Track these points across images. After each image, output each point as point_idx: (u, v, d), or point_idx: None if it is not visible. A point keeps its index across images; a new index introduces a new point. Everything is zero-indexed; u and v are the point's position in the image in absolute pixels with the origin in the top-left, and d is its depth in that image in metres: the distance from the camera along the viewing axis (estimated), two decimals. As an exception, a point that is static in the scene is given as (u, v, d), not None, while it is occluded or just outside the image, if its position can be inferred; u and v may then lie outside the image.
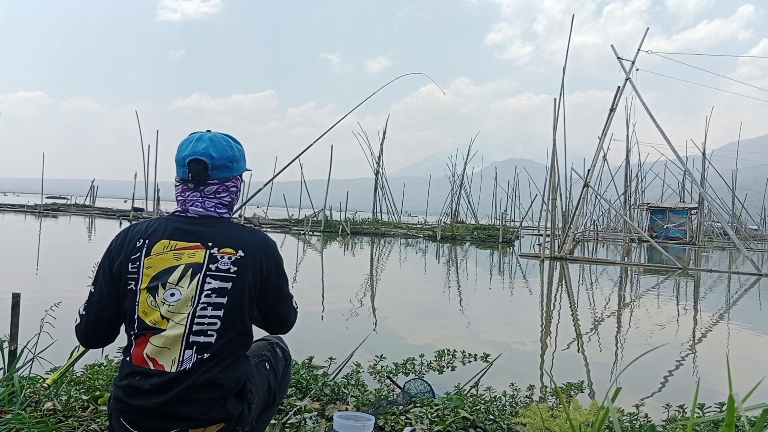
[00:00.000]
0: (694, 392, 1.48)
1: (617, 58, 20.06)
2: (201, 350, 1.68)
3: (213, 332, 1.70)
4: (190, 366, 1.67)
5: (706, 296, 12.27)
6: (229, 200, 1.89)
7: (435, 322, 7.77)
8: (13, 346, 3.12)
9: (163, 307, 1.70)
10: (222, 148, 1.83)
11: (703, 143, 36.07)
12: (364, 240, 26.41)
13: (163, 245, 1.76)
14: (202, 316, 1.70)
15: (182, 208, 1.84)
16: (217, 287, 1.72)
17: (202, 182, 1.82)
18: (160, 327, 1.69)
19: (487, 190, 48.43)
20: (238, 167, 1.90)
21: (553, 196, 19.87)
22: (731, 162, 43.83)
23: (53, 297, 3.72)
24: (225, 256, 1.75)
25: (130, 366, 1.71)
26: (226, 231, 1.81)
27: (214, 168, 1.81)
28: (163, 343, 1.68)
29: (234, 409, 1.72)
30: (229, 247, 1.76)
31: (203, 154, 1.80)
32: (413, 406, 3.17)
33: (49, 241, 17.58)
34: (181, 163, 1.83)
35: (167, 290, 1.71)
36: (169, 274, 1.72)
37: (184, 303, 1.70)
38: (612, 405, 1.29)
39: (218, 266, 1.73)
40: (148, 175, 32.42)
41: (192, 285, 1.71)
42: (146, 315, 1.71)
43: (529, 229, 43.56)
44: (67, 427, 2.60)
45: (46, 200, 39.82)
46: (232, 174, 1.88)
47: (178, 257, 1.74)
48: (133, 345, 1.72)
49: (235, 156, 1.87)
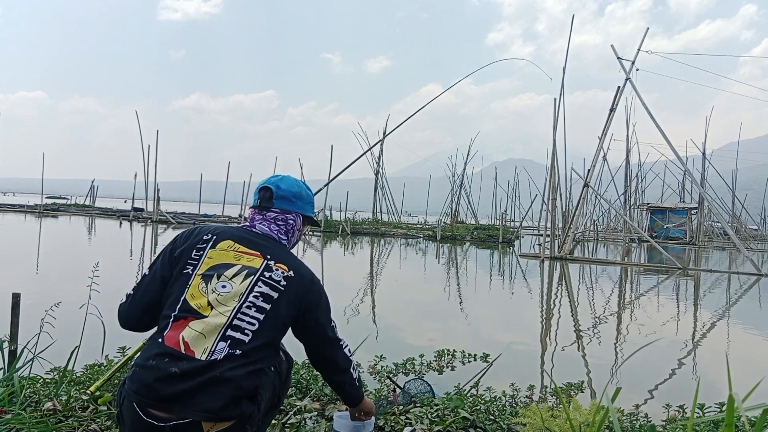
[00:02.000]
0: (694, 392, 1.48)
1: (617, 58, 20.08)
2: (234, 345, 1.74)
3: (250, 332, 1.77)
4: (221, 358, 1.71)
5: (706, 296, 12.26)
6: (286, 230, 2.07)
7: (435, 322, 7.78)
8: (13, 346, 3.12)
9: (212, 295, 1.80)
10: (290, 184, 2.10)
11: (703, 143, 36.11)
12: (364, 240, 26.42)
13: (228, 244, 1.93)
14: (244, 313, 1.78)
15: (250, 225, 2.06)
16: (265, 293, 1.84)
17: (266, 208, 2.06)
18: (203, 313, 1.76)
19: (487, 190, 48.45)
20: (301, 206, 2.11)
21: (553, 196, 19.87)
22: (731, 162, 43.85)
23: (53, 297, 3.72)
24: (279, 270, 1.90)
25: (160, 347, 1.73)
26: (284, 252, 2.00)
27: (278, 197, 2.06)
28: (202, 329, 1.73)
29: (247, 408, 1.75)
30: (285, 265, 1.92)
31: (272, 183, 2.08)
32: (413, 406, 3.17)
33: (49, 242, 17.58)
34: (256, 192, 2.10)
35: (220, 281, 1.82)
36: (226, 269, 1.86)
37: (232, 297, 1.80)
38: (612, 405, 1.29)
39: (272, 276, 1.88)
40: (148, 175, 32.46)
41: (244, 284, 1.83)
42: (193, 298, 1.79)
43: (529, 229, 43.57)
44: (67, 427, 2.60)
45: (46, 200, 39.80)
46: (293, 208, 2.08)
47: (238, 258, 1.90)
48: (169, 327, 1.76)
49: (301, 195, 2.11)
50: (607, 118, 21.08)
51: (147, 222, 30.51)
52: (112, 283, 1.82)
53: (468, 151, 42.76)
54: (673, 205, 38.17)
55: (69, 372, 3.15)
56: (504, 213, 37.79)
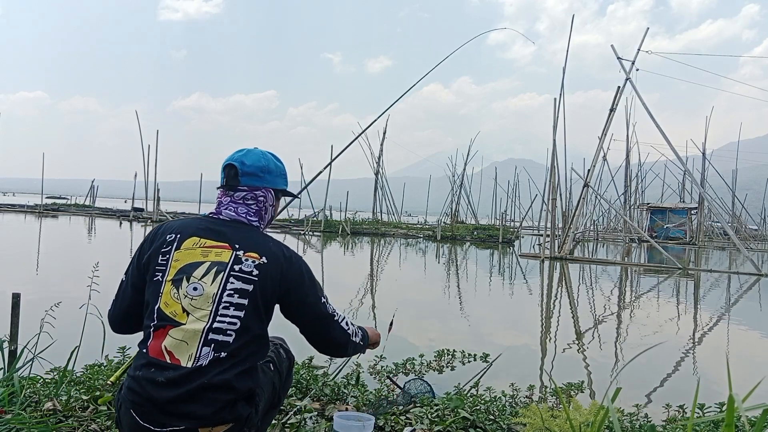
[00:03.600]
0: (694, 392, 1.48)
1: (617, 58, 20.07)
2: (219, 348, 1.70)
3: (232, 332, 1.72)
4: (207, 363, 1.68)
5: (706, 296, 12.26)
6: (256, 209, 1.93)
7: (435, 322, 7.78)
8: (13, 346, 3.12)
9: (185, 300, 1.74)
10: (255, 158, 1.93)
11: (703, 143, 36.10)
12: (364, 240, 26.41)
13: (193, 241, 1.82)
14: (224, 315, 1.72)
15: (216, 211, 1.93)
16: (239, 288, 1.75)
17: (232, 187, 1.91)
18: (179, 320, 1.72)
19: (487, 190, 48.44)
20: (270, 179, 1.96)
21: (553, 196, 19.87)
22: (731, 162, 43.84)
23: (53, 297, 3.72)
24: (249, 260, 1.79)
25: (146, 357, 1.73)
26: (254, 237, 1.86)
27: (243, 174, 1.90)
28: (183, 336, 1.70)
29: (243, 411, 1.74)
30: (255, 252, 1.80)
31: (236, 160, 1.91)
32: (413, 406, 3.17)
33: (49, 242, 17.58)
34: (222, 169, 1.94)
35: (190, 284, 1.75)
36: (194, 269, 1.77)
37: (206, 299, 1.73)
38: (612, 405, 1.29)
39: (242, 268, 1.77)
40: (148, 175, 32.45)
41: (215, 282, 1.75)
42: (167, 306, 1.74)
43: (529, 229, 43.55)
44: (67, 427, 2.60)
45: (46, 200, 39.79)
46: (262, 184, 1.94)
47: (206, 254, 1.79)
48: (151, 337, 1.74)
49: (269, 168, 1.95)
50: (607, 118, 21.08)
51: (147, 222, 30.50)
52: (112, 284, 1.81)
53: (468, 151, 42.79)
54: (673, 205, 38.16)
55: (69, 372, 3.14)
56: (504, 213, 37.81)
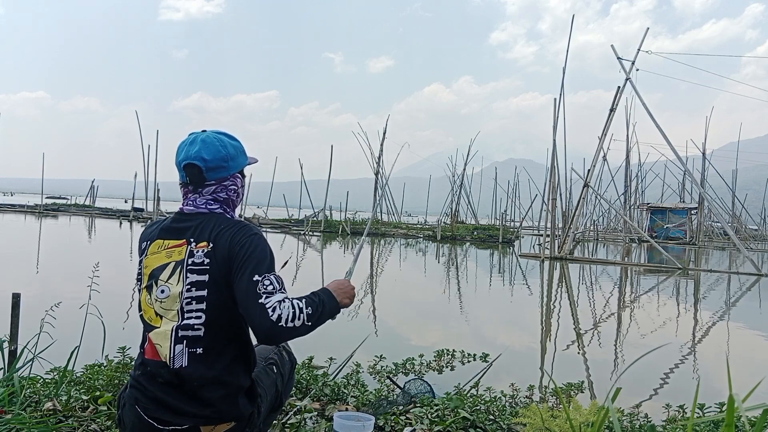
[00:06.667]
0: (694, 392, 1.48)
1: (617, 59, 20.07)
2: (191, 344, 1.71)
3: (200, 326, 1.71)
4: (186, 362, 1.69)
5: (706, 296, 12.26)
6: (224, 197, 1.86)
7: (435, 322, 7.77)
8: (13, 346, 3.12)
9: (156, 304, 1.76)
10: (215, 149, 1.82)
11: (703, 143, 36.10)
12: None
13: (157, 245, 1.81)
14: (189, 311, 1.72)
15: (180, 207, 1.89)
16: (195, 281, 1.72)
17: (199, 185, 1.84)
18: (154, 324, 1.76)
19: (487, 190, 48.42)
20: (235, 165, 1.88)
21: (553, 196, 19.87)
22: (731, 162, 43.84)
23: (53, 297, 3.72)
24: (200, 250, 1.74)
25: (142, 358, 1.79)
26: (209, 225, 1.78)
27: (209, 170, 1.82)
28: (157, 339, 1.73)
29: (245, 409, 1.75)
30: (204, 241, 1.76)
31: (196, 158, 1.80)
32: (413, 406, 3.17)
33: (49, 242, 17.57)
34: (179, 168, 1.86)
35: (158, 287, 1.76)
36: (161, 272, 1.77)
37: (173, 300, 1.73)
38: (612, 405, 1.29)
39: (194, 260, 1.74)
40: (148, 175, 32.38)
41: (179, 281, 1.74)
42: (145, 312, 1.79)
43: (529, 229, 43.54)
44: (67, 427, 2.60)
45: (46, 200, 39.79)
46: (228, 173, 1.86)
47: (170, 255, 1.78)
48: (146, 339, 1.79)
49: (230, 155, 1.85)
50: (607, 118, 21.07)
51: (147, 222, 30.49)
52: (113, 284, 1.81)
53: (468, 151, 42.75)
54: (673, 205, 38.15)
55: (69, 372, 3.14)
56: (504, 213, 37.77)
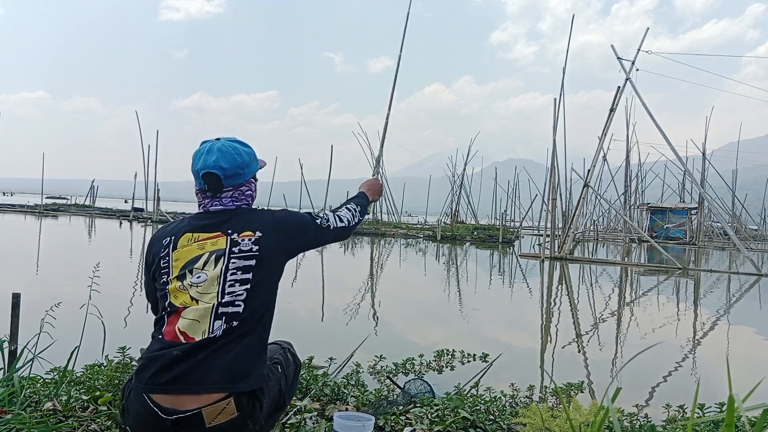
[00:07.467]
0: (694, 392, 1.48)
1: (617, 59, 20.08)
2: (230, 319, 1.77)
3: (240, 302, 1.79)
4: (220, 333, 1.75)
5: (706, 296, 12.26)
6: (242, 199, 2.01)
7: (435, 322, 7.78)
8: (13, 346, 3.12)
9: (192, 289, 1.81)
10: (231, 158, 1.95)
11: (703, 143, 36.10)
12: (364, 240, 26.40)
13: (187, 238, 1.91)
14: (230, 292, 1.80)
15: (203, 209, 2.00)
16: (241, 266, 1.83)
17: (218, 191, 1.97)
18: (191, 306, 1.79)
19: (487, 190, 48.44)
20: (249, 171, 2.02)
21: (553, 196, 19.87)
22: (731, 162, 43.85)
23: (53, 297, 3.72)
24: (246, 239, 1.87)
25: (162, 342, 1.79)
26: (243, 217, 1.94)
27: (227, 178, 1.95)
28: (195, 315, 1.77)
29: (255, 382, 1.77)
30: (248, 230, 1.89)
31: (214, 167, 1.93)
32: (413, 406, 3.17)
33: (49, 242, 17.58)
34: (197, 176, 1.97)
35: (194, 275, 1.83)
36: (195, 262, 1.85)
37: (212, 282, 1.81)
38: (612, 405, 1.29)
39: (240, 248, 1.85)
40: (148, 175, 32.50)
41: (217, 268, 1.82)
42: (177, 299, 1.82)
43: (529, 229, 43.53)
44: (67, 427, 2.61)
45: (46, 200, 39.81)
46: (245, 179, 2.01)
47: (202, 247, 1.87)
48: (165, 323, 1.80)
49: (245, 162, 2.00)
50: (607, 118, 21.08)
51: (147, 222, 30.50)
52: (113, 284, 1.81)
53: (468, 151, 42.76)
54: (673, 205, 38.15)
55: (69, 372, 3.14)
56: (504, 213, 37.76)
